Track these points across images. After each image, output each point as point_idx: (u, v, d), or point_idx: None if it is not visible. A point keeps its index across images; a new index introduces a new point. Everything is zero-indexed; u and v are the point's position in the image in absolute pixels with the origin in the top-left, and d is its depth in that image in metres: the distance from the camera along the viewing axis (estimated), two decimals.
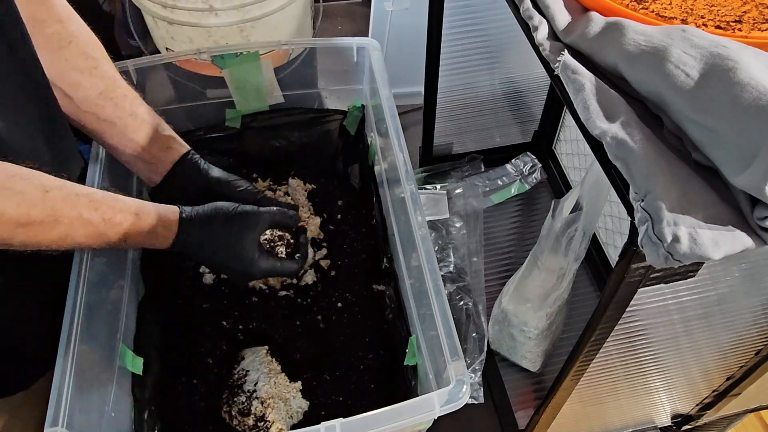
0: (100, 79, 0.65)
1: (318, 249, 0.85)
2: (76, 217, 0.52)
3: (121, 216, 0.56)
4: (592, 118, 0.45)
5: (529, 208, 1.10)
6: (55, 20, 0.61)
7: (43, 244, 0.51)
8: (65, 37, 0.62)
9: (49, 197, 0.50)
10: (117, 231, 0.56)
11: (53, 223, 0.50)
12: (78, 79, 0.63)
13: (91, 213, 0.54)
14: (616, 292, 0.45)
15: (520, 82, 1.06)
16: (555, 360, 0.90)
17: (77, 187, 0.54)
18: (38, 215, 0.49)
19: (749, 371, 0.70)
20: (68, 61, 0.63)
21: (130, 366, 0.65)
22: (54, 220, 0.50)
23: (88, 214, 0.53)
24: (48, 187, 0.50)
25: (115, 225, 0.56)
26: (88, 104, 0.64)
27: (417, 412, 0.53)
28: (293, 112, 0.88)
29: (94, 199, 0.55)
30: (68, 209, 0.52)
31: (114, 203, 0.57)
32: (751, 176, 0.38)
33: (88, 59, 0.64)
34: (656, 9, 0.51)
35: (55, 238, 0.51)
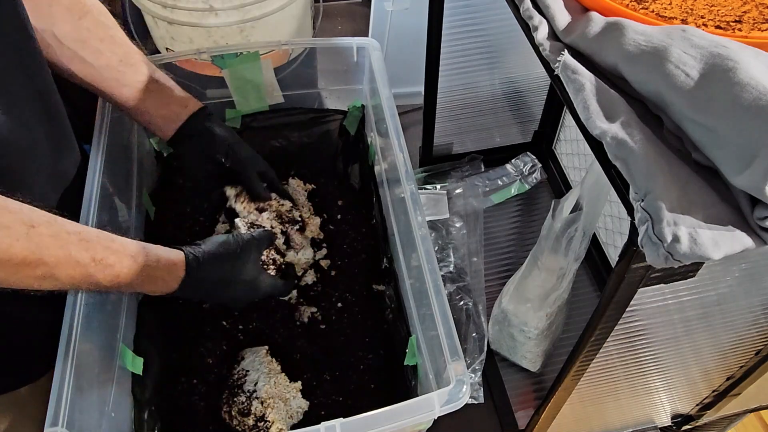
0: (118, 46, 0.67)
1: (318, 249, 0.85)
2: (63, 256, 0.49)
3: (114, 258, 0.53)
4: (592, 118, 0.45)
5: (529, 208, 1.10)
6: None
7: (24, 283, 0.48)
8: (82, 7, 0.64)
9: (34, 233, 0.47)
10: (108, 274, 0.53)
11: (36, 261, 0.47)
12: (99, 46, 0.65)
13: (81, 252, 0.51)
14: (616, 292, 0.45)
15: (520, 82, 1.06)
16: (555, 360, 0.90)
17: (69, 224, 0.51)
18: (21, 251, 0.46)
19: (749, 371, 0.70)
20: (89, 31, 0.64)
21: (130, 366, 0.65)
22: (38, 258, 0.47)
23: (77, 254, 0.50)
24: (35, 223, 0.48)
25: (106, 267, 0.53)
26: (109, 71, 0.66)
27: (417, 412, 0.53)
28: (293, 112, 0.88)
29: (86, 237, 0.52)
30: (56, 247, 0.49)
31: (109, 243, 0.54)
32: (751, 176, 0.38)
33: (105, 28, 0.66)
34: (656, 9, 0.51)
35: (38, 277, 0.48)
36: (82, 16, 0.64)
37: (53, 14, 0.62)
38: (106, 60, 0.66)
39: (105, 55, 0.66)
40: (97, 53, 0.65)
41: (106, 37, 0.66)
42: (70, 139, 0.64)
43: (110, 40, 0.66)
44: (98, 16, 0.65)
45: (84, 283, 0.52)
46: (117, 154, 0.73)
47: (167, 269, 0.60)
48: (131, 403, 0.65)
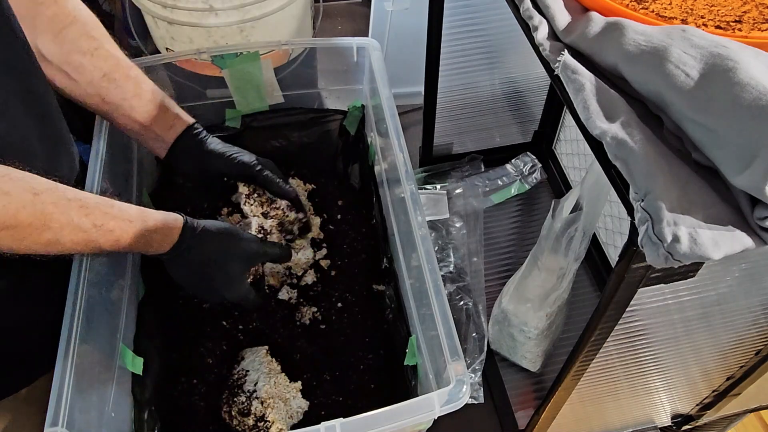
0: (103, 60, 0.64)
1: (318, 249, 0.85)
2: (66, 222, 0.50)
3: (114, 223, 0.54)
4: (592, 118, 0.45)
5: (529, 208, 1.10)
6: (52, 1, 0.61)
7: (31, 248, 0.49)
8: (65, 17, 0.61)
9: (38, 200, 0.48)
10: (108, 238, 0.54)
11: (42, 227, 0.48)
12: (81, 60, 0.63)
13: (82, 219, 0.52)
14: (616, 292, 0.45)
15: (520, 82, 1.06)
16: (555, 360, 0.90)
17: (69, 191, 0.52)
18: (26, 218, 0.47)
19: (749, 371, 0.70)
20: (72, 43, 0.62)
21: (130, 366, 0.65)
22: (43, 224, 0.48)
23: (78, 220, 0.51)
24: (38, 190, 0.49)
25: (106, 232, 0.54)
26: (92, 87, 0.64)
27: (417, 412, 0.53)
28: (293, 112, 0.88)
29: (86, 204, 0.53)
30: (58, 213, 0.50)
31: (108, 209, 0.55)
32: (751, 176, 0.38)
33: (90, 40, 0.63)
34: (656, 9, 0.51)
35: (44, 243, 0.49)
36: (66, 27, 0.61)
37: (36, 26, 0.59)
38: (89, 75, 0.63)
39: (88, 69, 0.63)
40: (79, 68, 0.62)
41: (90, 50, 0.63)
42: (65, 140, 0.63)
43: (94, 54, 0.63)
44: (84, 27, 0.63)
45: (87, 247, 0.53)
46: (117, 154, 0.73)
47: (164, 231, 0.60)
48: (131, 403, 0.65)
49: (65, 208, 0.51)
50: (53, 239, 0.50)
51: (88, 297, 0.59)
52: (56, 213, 0.50)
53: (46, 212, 0.49)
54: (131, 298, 0.71)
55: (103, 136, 0.71)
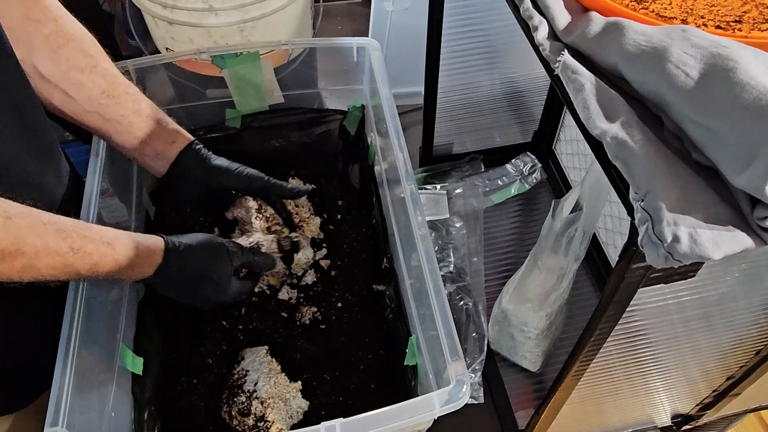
0: (101, 77, 0.63)
1: (318, 249, 0.85)
2: (42, 246, 0.48)
3: (92, 246, 0.53)
4: (592, 118, 0.45)
5: (529, 208, 1.10)
6: (49, 19, 0.60)
7: (5, 275, 0.47)
8: (62, 35, 0.61)
9: (11, 224, 0.46)
10: (86, 262, 0.52)
11: (15, 252, 0.46)
12: (80, 78, 0.62)
13: (59, 242, 0.50)
14: (616, 292, 0.45)
15: (520, 82, 1.06)
16: (555, 360, 0.90)
17: (43, 214, 0.50)
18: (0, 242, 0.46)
19: (749, 371, 0.70)
20: (69, 60, 0.61)
21: (130, 366, 0.65)
22: (16, 249, 0.46)
23: (55, 244, 0.49)
24: (10, 214, 0.47)
25: (84, 255, 0.52)
26: (91, 104, 0.63)
27: (417, 412, 0.53)
28: (293, 112, 0.88)
29: (63, 227, 0.51)
30: (33, 237, 0.48)
31: (86, 232, 0.53)
32: (751, 176, 0.38)
33: (87, 57, 0.63)
34: (656, 9, 0.51)
35: (18, 269, 0.48)
36: (63, 45, 0.60)
37: (32, 43, 0.59)
38: (87, 92, 0.62)
39: (86, 86, 0.62)
40: (77, 85, 0.62)
41: (88, 68, 0.62)
42: (54, 155, 0.62)
43: (92, 71, 0.63)
44: (81, 45, 0.62)
45: (63, 273, 0.52)
46: (117, 154, 0.73)
47: (145, 255, 0.59)
48: (131, 403, 0.65)
49: (41, 231, 0.49)
50: (28, 264, 0.48)
51: (88, 297, 0.59)
52: (31, 237, 0.48)
53: (19, 236, 0.47)
54: (131, 298, 0.71)
55: None
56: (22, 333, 0.59)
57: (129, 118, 0.66)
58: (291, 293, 0.81)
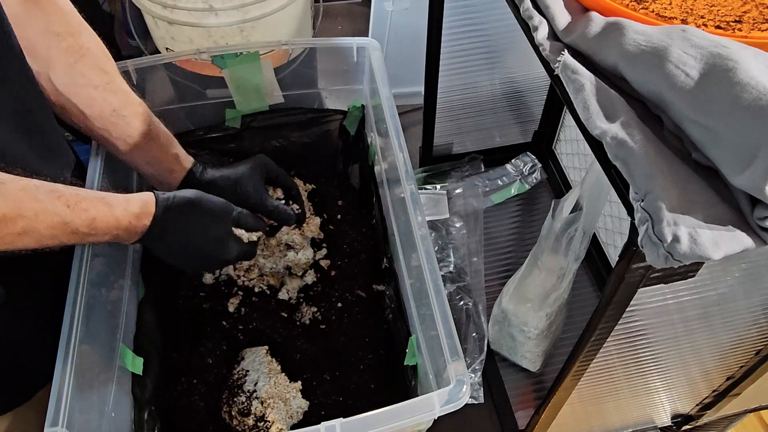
0: (113, 94, 0.64)
1: (318, 249, 0.85)
2: (39, 208, 0.49)
3: (87, 203, 0.53)
4: (592, 118, 0.45)
5: (529, 208, 1.10)
6: (68, 33, 0.61)
7: (7, 239, 0.48)
8: (78, 50, 0.61)
9: (6, 189, 0.47)
10: (84, 218, 0.53)
11: (16, 216, 0.47)
12: (93, 95, 0.63)
13: (54, 202, 0.51)
14: (616, 292, 0.45)
15: (520, 82, 1.06)
16: (555, 360, 0.90)
17: (34, 180, 0.51)
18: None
19: (749, 371, 0.70)
20: (84, 76, 0.62)
21: (130, 366, 0.65)
22: (17, 212, 0.47)
23: (51, 204, 0.50)
24: (3, 180, 0.48)
25: (81, 211, 0.52)
26: (102, 121, 0.64)
27: (417, 412, 0.53)
28: (293, 112, 0.88)
29: (55, 189, 0.52)
30: (29, 200, 0.49)
31: (78, 191, 0.54)
32: (751, 176, 0.38)
33: (102, 74, 0.64)
34: (656, 9, 0.51)
35: (19, 231, 0.48)
36: (78, 60, 0.61)
37: (50, 57, 0.59)
38: (99, 109, 0.63)
39: (98, 103, 0.63)
40: (90, 101, 0.63)
41: (102, 85, 0.63)
42: (58, 148, 0.62)
43: (106, 88, 0.63)
44: (96, 59, 0.63)
45: (63, 232, 0.52)
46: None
47: (139, 206, 0.59)
48: (131, 403, 0.65)
49: (35, 193, 0.50)
50: (28, 227, 0.49)
51: (88, 297, 0.59)
52: (27, 199, 0.49)
53: (17, 199, 0.48)
54: (131, 298, 0.71)
55: None
56: (17, 330, 0.59)
57: (136, 140, 0.66)
58: (291, 293, 0.81)
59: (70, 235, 0.53)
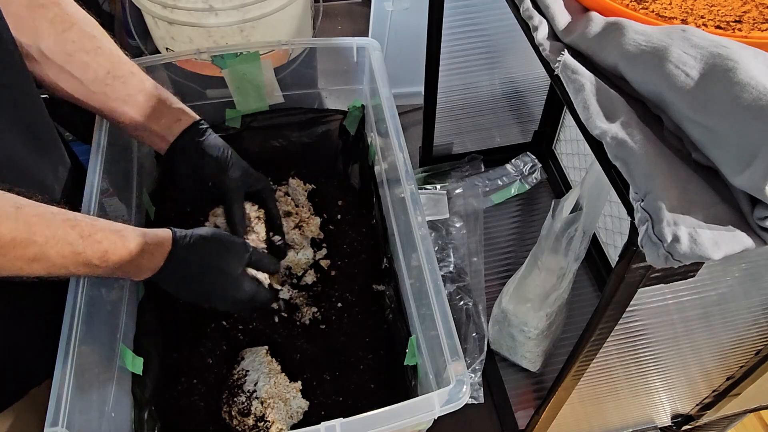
0: (105, 58, 0.64)
1: (318, 249, 0.85)
2: (51, 235, 0.49)
3: (101, 234, 0.53)
4: (592, 118, 0.45)
5: (529, 208, 1.10)
6: (53, 3, 0.61)
7: (17, 265, 0.48)
8: (67, 19, 0.62)
9: (21, 213, 0.47)
10: (96, 250, 0.53)
11: (26, 241, 0.47)
12: (85, 59, 0.63)
13: (68, 230, 0.51)
14: (616, 292, 0.45)
15: (520, 82, 1.06)
16: (555, 360, 0.90)
17: (52, 207, 0.51)
18: (9, 231, 0.46)
19: (749, 371, 0.70)
20: (74, 43, 0.62)
21: (130, 366, 0.65)
22: (27, 237, 0.47)
23: (64, 232, 0.50)
24: (20, 205, 0.48)
25: (94, 243, 0.52)
26: (97, 84, 0.64)
27: (417, 412, 0.53)
28: (293, 112, 0.88)
29: (71, 218, 0.52)
30: (43, 226, 0.49)
31: (94, 222, 0.54)
32: (751, 176, 0.38)
33: (92, 39, 0.63)
34: (656, 9, 0.51)
35: (29, 258, 0.48)
36: (67, 29, 0.61)
37: (37, 28, 0.59)
38: (93, 73, 0.63)
39: (92, 67, 0.63)
40: (83, 66, 0.62)
41: (93, 49, 0.63)
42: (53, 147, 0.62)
43: (97, 52, 0.63)
44: (84, 27, 0.63)
45: (74, 263, 0.52)
46: (117, 154, 0.73)
47: (154, 244, 0.59)
48: (131, 403, 0.65)
49: (50, 220, 0.50)
50: (39, 253, 0.49)
51: (88, 297, 0.59)
52: (40, 225, 0.49)
53: (30, 224, 0.48)
54: (131, 298, 0.71)
55: (103, 135, 0.71)
56: (16, 329, 0.59)
57: (134, 97, 0.66)
58: (291, 293, 0.81)
59: (81, 266, 0.53)
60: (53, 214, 0.50)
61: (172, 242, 0.61)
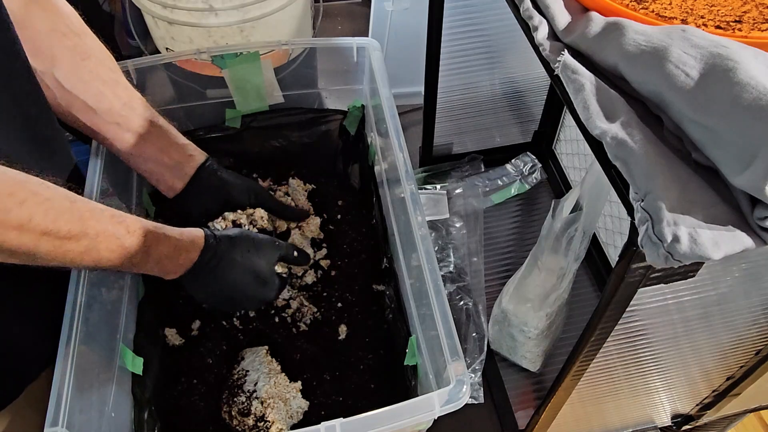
0: (122, 89, 0.66)
1: (318, 249, 0.85)
2: (101, 230, 0.52)
3: (145, 230, 0.56)
4: (592, 118, 0.45)
5: (529, 208, 1.10)
6: (73, 33, 0.62)
7: (68, 257, 0.50)
8: (85, 49, 0.63)
9: (75, 207, 0.50)
10: (141, 245, 0.56)
11: (80, 234, 0.50)
12: (101, 89, 0.64)
13: (116, 226, 0.53)
14: (616, 292, 0.45)
15: (520, 82, 1.06)
16: (555, 360, 0.90)
17: (100, 204, 0.54)
18: (66, 224, 0.48)
19: (749, 371, 0.70)
20: (92, 73, 0.63)
21: (130, 366, 0.65)
22: (81, 230, 0.50)
23: (113, 227, 0.53)
24: (73, 199, 0.50)
25: (139, 238, 0.55)
26: (112, 115, 0.65)
27: (417, 412, 0.53)
28: (293, 112, 0.88)
29: (117, 214, 0.55)
30: (94, 221, 0.51)
31: (136, 219, 0.56)
32: (751, 176, 0.38)
33: (109, 72, 0.65)
34: (656, 9, 0.51)
35: (81, 250, 0.50)
36: (85, 58, 0.62)
37: (55, 56, 0.60)
38: (109, 104, 0.64)
39: (107, 98, 0.64)
40: (99, 96, 0.63)
41: (110, 81, 0.64)
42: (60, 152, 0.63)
43: (113, 84, 0.65)
44: (102, 59, 0.64)
45: (119, 256, 0.54)
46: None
47: (190, 241, 0.61)
48: (131, 403, 0.65)
49: (100, 215, 0.52)
50: (90, 246, 0.51)
51: (88, 297, 0.59)
52: (92, 220, 0.51)
53: (83, 218, 0.50)
54: (131, 298, 0.71)
55: None
56: (16, 329, 0.59)
57: (148, 129, 0.67)
58: (291, 293, 0.81)
59: (125, 260, 0.55)
60: (101, 210, 0.53)
61: (204, 239, 0.63)
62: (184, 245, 0.61)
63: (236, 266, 0.65)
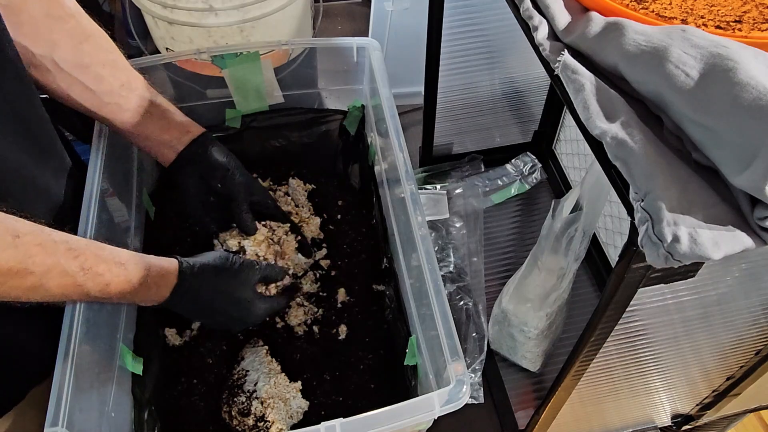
0: (120, 71, 0.66)
1: (318, 249, 0.85)
2: (52, 265, 0.48)
3: (104, 266, 0.53)
4: (592, 118, 0.45)
5: (529, 208, 1.10)
6: (69, 15, 0.62)
7: (12, 295, 0.47)
8: (83, 32, 0.62)
9: (20, 242, 0.46)
10: (98, 282, 0.52)
11: (24, 271, 0.46)
12: (100, 72, 0.64)
13: (69, 261, 0.50)
14: (616, 292, 0.45)
15: (520, 82, 1.06)
16: (555, 360, 0.90)
17: (56, 233, 0.50)
18: (6, 260, 0.45)
19: (749, 371, 0.70)
20: (90, 56, 0.63)
21: (130, 366, 0.65)
22: (24, 267, 0.46)
23: (66, 263, 0.49)
24: (20, 233, 0.47)
25: (95, 276, 0.52)
26: (111, 96, 0.65)
27: (417, 412, 0.53)
28: (293, 112, 0.88)
29: (74, 246, 0.51)
30: (43, 256, 0.48)
31: (98, 252, 0.53)
32: (751, 176, 0.38)
33: (108, 53, 0.65)
34: (656, 9, 0.51)
35: (26, 288, 0.47)
36: (83, 41, 0.62)
37: (54, 40, 0.60)
38: (108, 85, 0.64)
39: (107, 80, 0.64)
40: (98, 78, 0.63)
41: (108, 62, 0.64)
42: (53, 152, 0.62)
43: (112, 65, 0.65)
44: (99, 40, 0.64)
45: (74, 293, 0.52)
46: (117, 154, 0.73)
47: (159, 276, 0.58)
48: (131, 403, 0.65)
49: (51, 250, 0.49)
50: (37, 284, 0.48)
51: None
52: (40, 255, 0.48)
53: (28, 254, 0.47)
54: None
55: (103, 136, 0.71)
56: (16, 329, 0.59)
57: (147, 108, 0.67)
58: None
59: (82, 296, 0.53)
60: (56, 243, 0.49)
61: (178, 274, 0.61)
62: (152, 281, 0.57)
63: (215, 294, 0.64)
